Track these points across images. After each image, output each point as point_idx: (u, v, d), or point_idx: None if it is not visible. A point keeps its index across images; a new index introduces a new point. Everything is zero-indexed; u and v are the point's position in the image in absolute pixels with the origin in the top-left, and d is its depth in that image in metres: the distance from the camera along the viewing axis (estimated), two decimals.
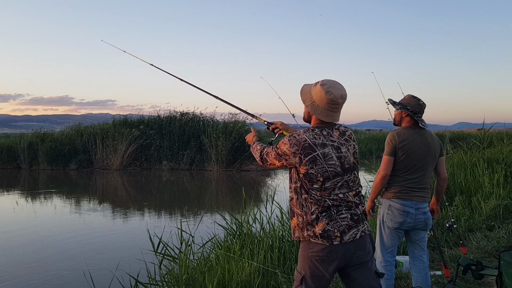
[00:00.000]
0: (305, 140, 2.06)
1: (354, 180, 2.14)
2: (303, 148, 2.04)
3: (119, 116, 20.17)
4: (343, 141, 2.13)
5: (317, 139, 2.07)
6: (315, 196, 2.07)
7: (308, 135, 2.08)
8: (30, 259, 5.96)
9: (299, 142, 2.06)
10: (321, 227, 2.04)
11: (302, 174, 2.08)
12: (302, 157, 2.04)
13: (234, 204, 9.80)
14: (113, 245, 6.78)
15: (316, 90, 2.12)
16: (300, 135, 2.09)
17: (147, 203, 10.88)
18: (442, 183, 3.24)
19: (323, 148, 2.05)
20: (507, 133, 10.51)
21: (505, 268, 2.95)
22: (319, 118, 2.12)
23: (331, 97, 2.07)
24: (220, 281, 3.48)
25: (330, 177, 2.05)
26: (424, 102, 3.13)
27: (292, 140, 2.08)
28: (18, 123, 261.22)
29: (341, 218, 2.06)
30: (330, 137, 2.10)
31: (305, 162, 2.04)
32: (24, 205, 10.44)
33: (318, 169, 2.04)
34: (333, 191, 2.07)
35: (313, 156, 2.03)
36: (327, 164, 2.04)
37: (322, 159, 2.04)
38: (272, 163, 2.21)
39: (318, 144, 2.06)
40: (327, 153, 2.05)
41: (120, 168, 17.91)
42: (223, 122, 18.66)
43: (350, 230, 2.06)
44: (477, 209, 6.33)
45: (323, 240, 2.04)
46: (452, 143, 14.77)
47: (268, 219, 4.69)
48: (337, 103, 2.09)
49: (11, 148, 19.25)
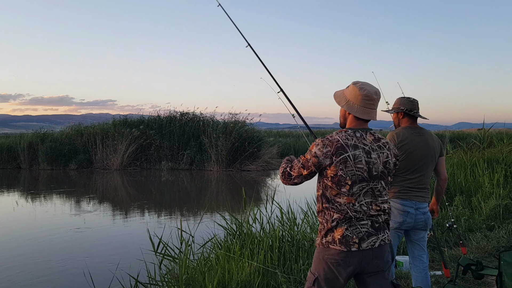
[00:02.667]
0: (338, 141, 2.03)
1: (380, 189, 2.07)
2: (336, 148, 2.01)
3: (119, 116, 20.18)
4: (375, 146, 2.08)
5: (350, 140, 2.04)
6: (338, 205, 2.03)
7: (340, 135, 2.06)
8: (30, 259, 5.96)
9: (331, 143, 2.03)
10: (340, 232, 2.01)
11: (329, 178, 2.03)
12: (333, 157, 2.00)
13: (234, 204, 9.80)
14: (113, 245, 6.77)
15: (349, 90, 2.14)
16: (333, 136, 2.07)
17: (147, 203, 10.88)
18: (442, 183, 3.24)
19: (354, 149, 2.02)
20: (507, 133, 10.51)
21: (505, 268, 2.95)
22: (357, 115, 2.09)
23: (365, 93, 2.07)
24: (220, 281, 3.48)
25: (356, 181, 2.01)
26: (414, 98, 3.15)
27: (325, 141, 2.06)
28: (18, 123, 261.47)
29: (361, 224, 2.02)
30: (362, 140, 2.07)
31: (335, 163, 2.00)
32: (24, 205, 10.44)
33: (348, 172, 2.00)
34: (358, 197, 2.02)
35: (345, 157, 2.00)
36: (356, 167, 2.00)
37: (352, 160, 2.00)
38: (298, 174, 2.14)
39: (350, 145, 2.03)
40: (357, 155, 2.01)
41: (120, 168, 17.91)
42: (223, 122, 18.66)
43: (369, 238, 2.02)
44: (477, 209, 6.33)
45: (341, 246, 2.01)
46: (452, 143, 14.77)
47: (268, 219, 4.69)
48: (372, 98, 2.08)
49: (11, 148, 19.24)
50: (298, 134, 27.18)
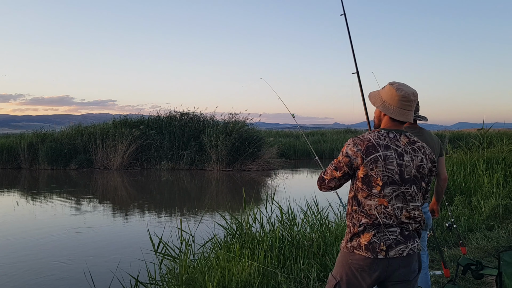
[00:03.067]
0: (369, 140, 1.98)
1: (412, 194, 1.98)
2: (366, 147, 1.96)
3: (119, 116, 20.21)
4: (409, 149, 2.00)
5: (382, 140, 1.98)
6: (368, 210, 1.96)
7: (372, 135, 2.01)
8: (30, 259, 5.96)
9: (362, 142, 1.98)
10: (367, 238, 1.94)
11: (360, 178, 1.97)
12: (364, 156, 1.95)
13: (234, 204, 9.81)
14: (113, 245, 6.78)
15: (385, 90, 2.07)
16: (365, 135, 2.03)
17: (147, 203, 10.89)
18: (442, 183, 3.24)
19: (386, 150, 1.96)
20: (507, 133, 10.52)
21: (504, 268, 2.96)
22: (393, 117, 2.02)
23: (402, 93, 2.01)
24: (220, 281, 3.49)
25: (387, 182, 1.94)
26: None
27: (356, 140, 2.01)
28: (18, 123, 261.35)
29: (389, 231, 1.94)
30: (395, 141, 2.00)
31: (366, 163, 1.94)
32: (24, 205, 10.45)
33: (378, 172, 1.93)
34: (391, 200, 1.94)
35: (375, 156, 1.94)
36: (387, 168, 1.94)
37: (383, 161, 1.94)
38: (332, 177, 2.08)
39: (382, 145, 1.97)
40: (388, 156, 1.95)
41: (120, 168, 17.92)
42: (223, 122, 18.68)
43: (397, 246, 1.94)
44: (477, 209, 6.34)
45: (367, 252, 1.93)
46: (452, 143, 14.78)
47: (268, 219, 4.69)
48: (410, 99, 2.01)
49: (11, 148, 19.26)
50: (298, 134, 27.18)
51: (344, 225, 4.97)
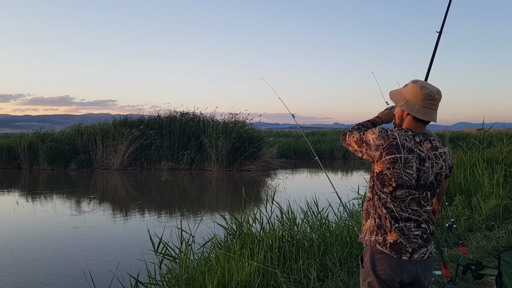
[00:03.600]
0: (395, 138, 1.91)
1: (425, 199, 1.97)
2: (389, 145, 1.90)
3: (120, 116, 20.20)
4: (432, 155, 1.95)
5: (408, 142, 1.91)
6: (385, 202, 1.94)
7: (400, 134, 1.93)
8: (30, 259, 5.96)
9: (388, 137, 1.91)
10: (394, 237, 1.92)
11: (376, 173, 1.95)
12: (383, 153, 1.90)
13: (234, 204, 9.81)
14: (114, 245, 6.78)
15: (408, 89, 1.99)
16: (393, 131, 1.95)
17: (147, 203, 10.89)
18: (443, 183, 3.24)
19: (408, 153, 1.89)
20: (507, 133, 10.52)
21: (504, 268, 2.95)
22: (417, 116, 1.94)
23: (427, 92, 1.93)
24: (220, 281, 3.49)
25: (403, 186, 1.90)
26: None
27: (383, 133, 1.94)
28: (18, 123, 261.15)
29: (414, 234, 1.94)
30: (420, 146, 1.93)
31: (384, 160, 1.90)
32: (24, 205, 10.45)
33: (394, 173, 1.89)
34: (403, 202, 1.93)
35: (395, 157, 1.88)
36: (404, 171, 1.89)
37: (401, 163, 1.89)
38: (351, 145, 2.08)
39: (406, 147, 1.90)
40: (409, 160, 1.89)
41: (120, 168, 17.92)
42: (223, 122, 18.68)
43: (420, 249, 1.94)
44: (477, 209, 6.33)
45: (391, 251, 1.91)
46: (452, 143, 14.79)
47: (268, 219, 4.70)
48: (434, 98, 1.94)
49: (11, 148, 19.25)
50: (298, 134, 27.17)
51: (344, 225, 4.96)
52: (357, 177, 13.58)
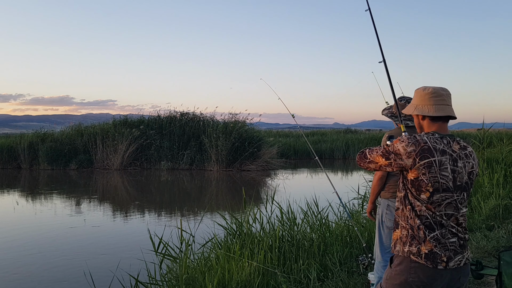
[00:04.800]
0: (426, 142, 1.88)
1: (462, 201, 1.93)
2: (422, 150, 1.86)
3: (120, 116, 20.20)
4: (462, 155, 1.94)
5: (438, 144, 1.89)
6: (418, 210, 1.90)
7: (429, 137, 1.91)
8: (30, 259, 5.97)
9: (418, 143, 1.88)
10: (428, 247, 1.88)
11: (410, 181, 1.90)
12: (417, 159, 1.86)
13: (234, 204, 9.80)
14: (113, 245, 6.78)
15: (414, 97, 2.05)
16: (421, 136, 1.92)
17: (147, 203, 10.89)
18: None
19: (442, 155, 1.87)
20: (507, 133, 10.52)
21: (504, 268, 2.96)
22: (431, 114, 1.94)
23: (430, 90, 1.97)
24: (220, 281, 3.49)
25: (439, 189, 1.87)
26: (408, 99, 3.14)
27: (412, 139, 1.90)
28: (18, 123, 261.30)
29: (450, 242, 1.90)
30: (450, 147, 1.92)
31: (418, 166, 1.86)
32: (24, 205, 10.45)
33: (431, 177, 1.85)
34: (438, 206, 1.89)
35: (430, 161, 1.85)
36: (440, 174, 1.86)
37: (437, 166, 1.85)
38: (374, 161, 2.01)
39: (439, 149, 1.88)
40: (443, 162, 1.87)
41: (120, 168, 17.92)
42: (223, 122, 18.68)
43: (456, 256, 1.90)
44: (477, 209, 6.34)
45: (426, 261, 1.87)
46: None
47: (268, 219, 4.70)
48: (440, 94, 1.96)
49: (11, 148, 19.25)
50: (298, 134, 27.18)
51: (344, 225, 4.96)
52: (357, 177, 13.58)
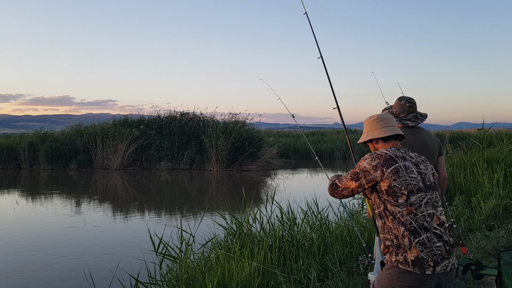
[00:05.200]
0: (386, 153, 2.08)
1: (437, 200, 2.07)
2: (385, 160, 2.05)
3: (120, 116, 20.21)
4: (420, 160, 2.14)
5: (398, 153, 2.10)
6: (401, 216, 1.99)
7: (388, 150, 2.12)
8: (30, 259, 5.96)
9: (380, 156, 2.08)
10: (414, 253, 1.95)
11: (384, 191, 2.03)
12: (384, 169, 2.03)
13: (234, 204, 9.80)
14: (113, 244, 6.78)
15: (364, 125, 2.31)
16: (381, 150, 2.13)
17: (147, 203, 10.89)
18: (442, 183, 3.24)
19: (403, 160, 2.06)
20: (507, 133, 10.51)
21: (504, 268, 2.96)
22: (381, 136, 2.19)
23: (375, 117, 2.24)
24: (220, 281, 3.49)
25: (414, 191, 2.00)
26: (408, 99, 3.13)
27: (373, 154, 2.11)
28: (18, 123, 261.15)
29: (436, 246, 1.98)
30: (407, 154, 2.13)
31: (387, 174, 2.01)
32: (24, 205, 10.45)
33: (402, 181, 2.00)
34: (419, 207, 1.99)
35: (396, 167, 2.02)
36: (409, 177, 2.01)
37: (404, 170, 2.02)
38: (346, 187, 2.18)
39: (400, 156, 2.07)
40: (408, 166, 2.04)
41: (120, 168, 17.92)
42: (223, 122, 18.69)
43: (443, 261, 1.97)
44: (477, 209, 6.33)
45: (414, 268, 1.94)
46: (451, 143, 14.78)
47: (268, 219, 4.69)
48: (384, 118, 2.21)
49: (11, 148, 19.25)
50: (298, 134, 27.17)
51: (344, 226, 4.97)
52: None
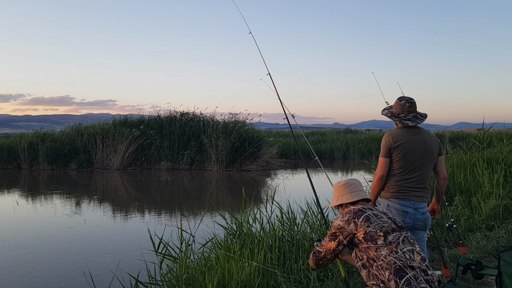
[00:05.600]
0: (354, 208, 2.31)
1: (412, 238, 2.23)
2: (355, 213, 2.26)
3: (120, 116, 20.23)
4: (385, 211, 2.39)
5: (365, 207, 2.34)
6: (384, 259, 2.09)
7: (354, 207, 2.35)
8: (30, 259, 5.97)
9: (350, 211, 2.30)
10: None
11: (362, 239, 2.18)
12: (356, 220, 2.23)
13: (234, 204, 9.80)
14: (113, 245, 6.78)
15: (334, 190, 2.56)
16: (349, 207, 2.37)
17: (147, 203, 10.89)
18: (442, 183, 3.24)
19: (371, 210, 2.30)
20: (507, 133, 10.51)
21: (504, 268, 2.95)
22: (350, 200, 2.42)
23: (342, 183, 2.51)
24: (220, 281, 3.49)
25: (389, 231, 2.17)
26: (408, 99, 3.12)
27: (343, 212, 2.33)
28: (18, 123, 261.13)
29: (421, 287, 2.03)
30: (374, 208, 2.37)
31: (360, 223, 2.20)
32: (24, 205, 10.45)
33: (375, 226, 2.18)
34: (398, 245, 2.13)
35: (366, 215, 2.24)
36: (381, 221, 2.22)
37: (374, 217, 2.23)
38: (327, 249, 2.35)
39: (367, 208, 2.32)
40: (376, 214, 2.27)
41: (120, 168, 17.92)
42: (223, 122, 18.69)
43: None
44: (477, 209, 6.33)
45: None
46: (452, 143, 14.78)
47: (268, 219, 4.69)
48: (351, 183, 2.47)
49: (11, 148, 19.26)
50: (298, 134, 27.17)
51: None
52: (357, 177, 13.56)
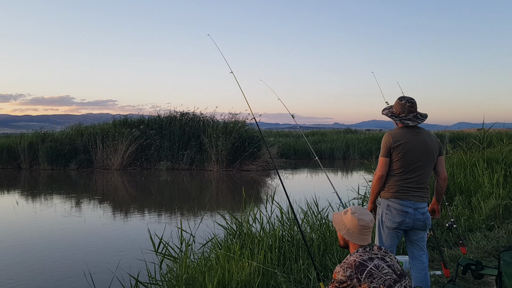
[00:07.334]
0: (355, 260, 2.23)
1: (410, 285, 2.25)
2: (356, 268, 2.19)
3: (120, 116, 20.21)
4: (383, 253, 2.31)
5: (364, 255, 2.25)
6: None
7: (355, 255, 2.27)
8: (30, 259, 5.97)
9: (350, 265, 2.22)
10: None
11: None
12: (358, 276, 2.17)
13: (234, 204, 9.80)
14: (113, 245, 6.78)
15: (347, 218, 2.38)
16: (349, 258, 2.28)
17: (147, 203, 10.89)
18: (442, 183, 3.24)
19: (372, 261, 2.22)
20: (507, 133, 10.53)
21: (504, 268, 2.96)
22: (356, 243, 2.35)
23: (363, 224, 2.34)
24: (220, 281, 3.49)
25: (391, 284, 2.15)
26: (409, 99, 3.12)
27: (343, 265, 2.25)
28: (18, 123, 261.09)
29: None
30: (372, 252, 2.30)
31: (364, 279, 2.16)
32: (24, 205, 10.45)
33: (378, 281, 2.15)
34: None
35: (368, 270, 2.17)
36: (383, 274, 2.17)
37: (376, 270, 2.18)
38: None
39: (367, 259, 2.22)
40: (378, 265, 2.20)
41: (120, 168, 17.92)
42: (223, 122, 18.68)
43: None
44: (477, 209, 6.33)
45: None
46: (451, 143, 14.78)
47: (268, 219, 4.69)
48: (369, 227, 2.36)
49: (11, 148, 19.25)
50: (298, 134, 27.17)
51: None
52: (357, 177, 13.57)
